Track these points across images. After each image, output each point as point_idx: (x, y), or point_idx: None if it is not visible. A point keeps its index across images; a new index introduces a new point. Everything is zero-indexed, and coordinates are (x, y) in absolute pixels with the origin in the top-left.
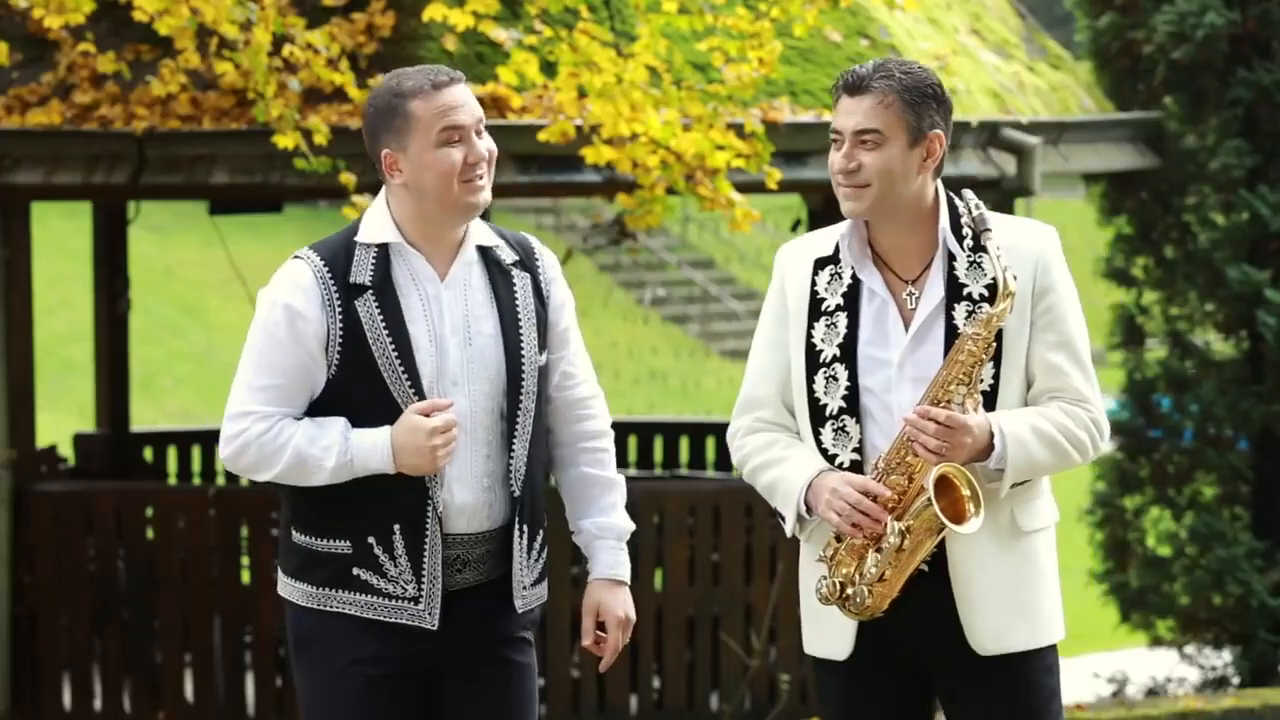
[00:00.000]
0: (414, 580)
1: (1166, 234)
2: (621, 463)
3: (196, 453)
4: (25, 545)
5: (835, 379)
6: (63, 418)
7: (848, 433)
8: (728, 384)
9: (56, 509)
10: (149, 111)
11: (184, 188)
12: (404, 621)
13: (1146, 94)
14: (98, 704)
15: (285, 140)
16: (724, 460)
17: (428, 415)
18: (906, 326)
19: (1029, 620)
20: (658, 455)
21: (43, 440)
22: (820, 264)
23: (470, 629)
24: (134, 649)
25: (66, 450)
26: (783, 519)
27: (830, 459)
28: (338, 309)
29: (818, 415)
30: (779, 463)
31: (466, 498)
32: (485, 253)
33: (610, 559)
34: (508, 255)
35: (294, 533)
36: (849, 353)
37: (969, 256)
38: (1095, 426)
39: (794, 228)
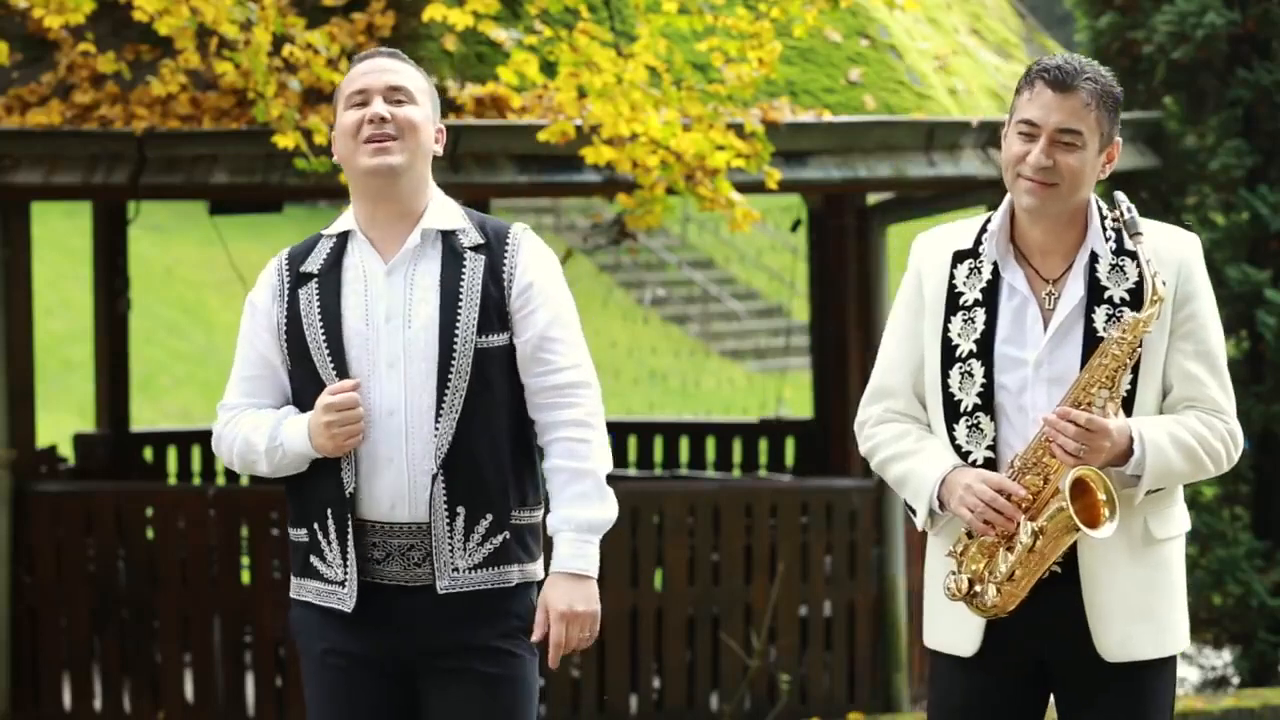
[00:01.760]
0: (342, 565)
1: None
2: (621, 463)
3: (196, 453)
4: (25, 545)
5: (971, 375)
6: (63, 418)
7: (982, 430)
8: (727, 384)
9: (56, 509)
10: (149, 111)
11: (184, 188)
12: (333, 606)
13: (1146, 94)
14: (98, 704)
15: (285, 140)
16: (724, 460)
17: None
18: (1045, 327)
19: (1156, 629)
20: (658, 455)
21: (43, 440)
22: (959, 257)
23: (423, 628)
24: (134, 649)
25: (66, 450)
26: (913, 512)
27: (963, 456)
28: (285, 299)
29: (952, 411)
30: (911, 455)
31: (393, 479)
32: (446, 238)
33: (566, 550)
34: (470, 239)
35: (288, 526)
36: (986, 350)
37: (1112, 260)
38: (1231, 438)
39: (794, 228)
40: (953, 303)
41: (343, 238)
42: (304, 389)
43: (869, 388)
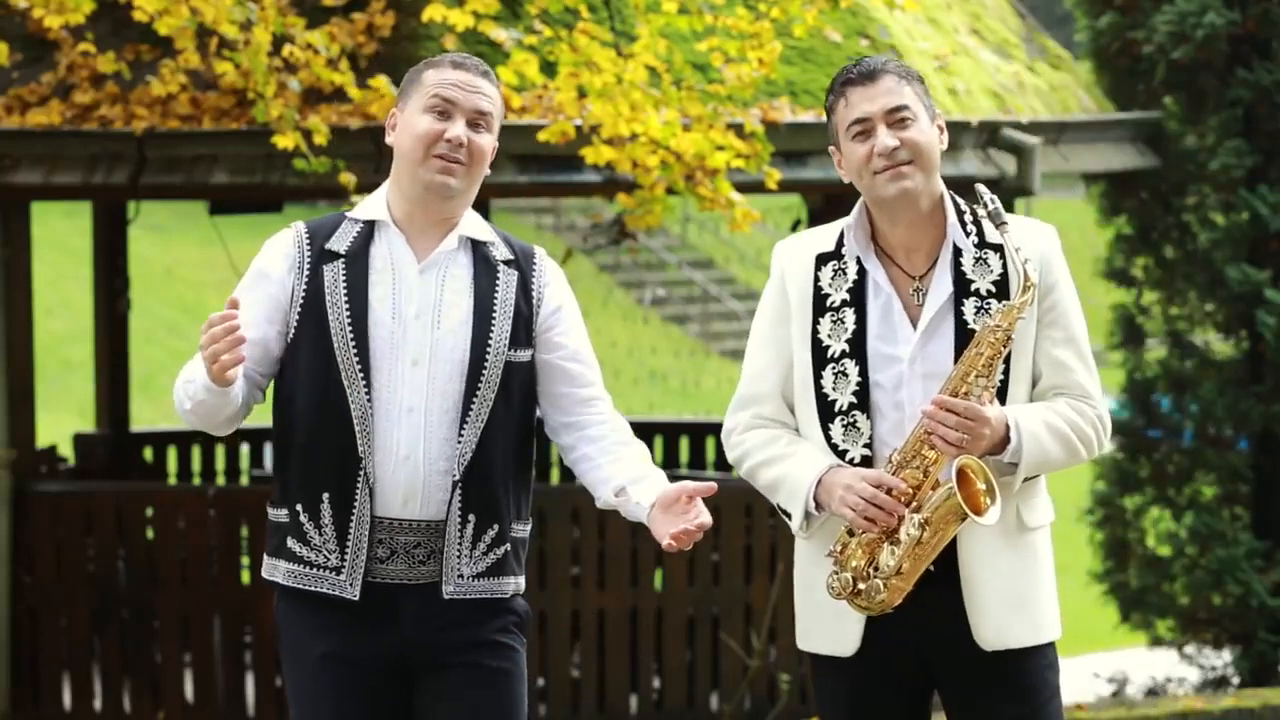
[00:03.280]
0: (337, 550)
1: (1166, 234)
2: None
3: (196, 453)
4: (25, 545)
5: (845, 375)
6: (63, 418)
7: (858, 428)
8: (728, 384)
9: (56, 509)
10: (149, 111)
11: (184, 188)
12: (323, 590)
13: (1146, 94)
14: (98, 704)
15: (285, 140)
16: (724, 460)
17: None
18: (913, 323)
19: (1031, 617)
20: (658, 455)
21: (43, 440)
22: (822, 260)
23: (427, 625)
24: (134, 649)
25: (66, 450)
26: (787, 516)
27: (841, 454)
28: (306, 273)
29: (826, 411)
30: (783, 459)
31: (408, 476)
32: (477, 247)
33: (665, 483)
34: (501, 254)
35: (268, 505)
36: (858, 348)
37: (975, 253)
38: (1100, 423)
39: (794, 228)
40: (820, 304)
41: (369, 224)
42: (310, 367)
43: (736, 396)
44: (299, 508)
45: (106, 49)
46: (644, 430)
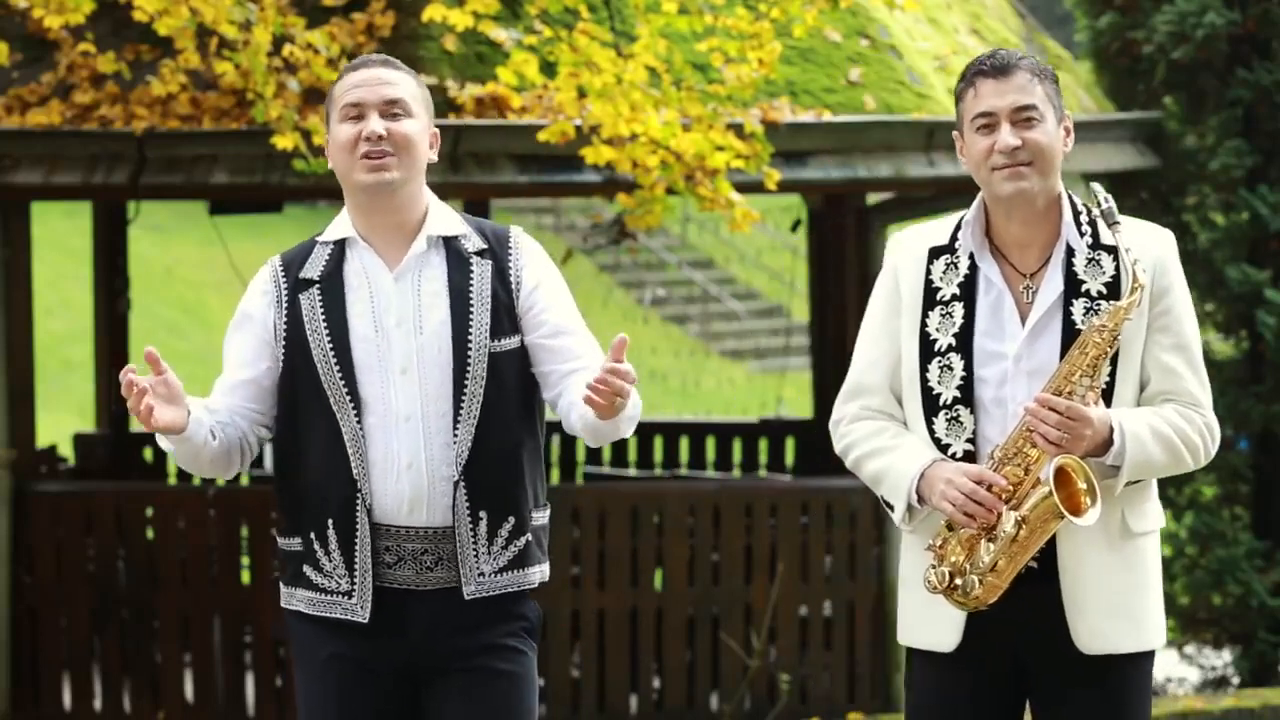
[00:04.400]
0: (347, 574)
1: None
2: (621, 463)
3: None
4: (25, 545)
5: (950, 369)
6: (63, 418)
7: (961, 423)
8: (727, 384)
9: (56, 509)
10: (149, 111)
11: (184, 188)
12: (338, 616)
13: (1146, 94)
14: (98, 704)
15: (284, 141)
16: (724, 460)
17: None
18: (1022, 320)
19: (1133, 623)
20: (658, 455)
21: (43, 440)
22: (935, 253)
23: (436, 632)
24: (134, 649)
25: (66, 450)
26: (890, 508)
27: (943, 449)
28: (285, 305)
29: (931, 405)
30: (888, 451)
31: (413, 483)
32: (449, 243)
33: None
34: (473, 244)
35: (278, 535)
36: (964, 343)
37: (1088, 254)
38: (1209, 431)
39: (794, 228)
40: (930, 298)
41: (340, 244)
42: (302, 395)
43: (845, 386)
44: (311, 535)
45: (106, 49)
46: (644, 430)
